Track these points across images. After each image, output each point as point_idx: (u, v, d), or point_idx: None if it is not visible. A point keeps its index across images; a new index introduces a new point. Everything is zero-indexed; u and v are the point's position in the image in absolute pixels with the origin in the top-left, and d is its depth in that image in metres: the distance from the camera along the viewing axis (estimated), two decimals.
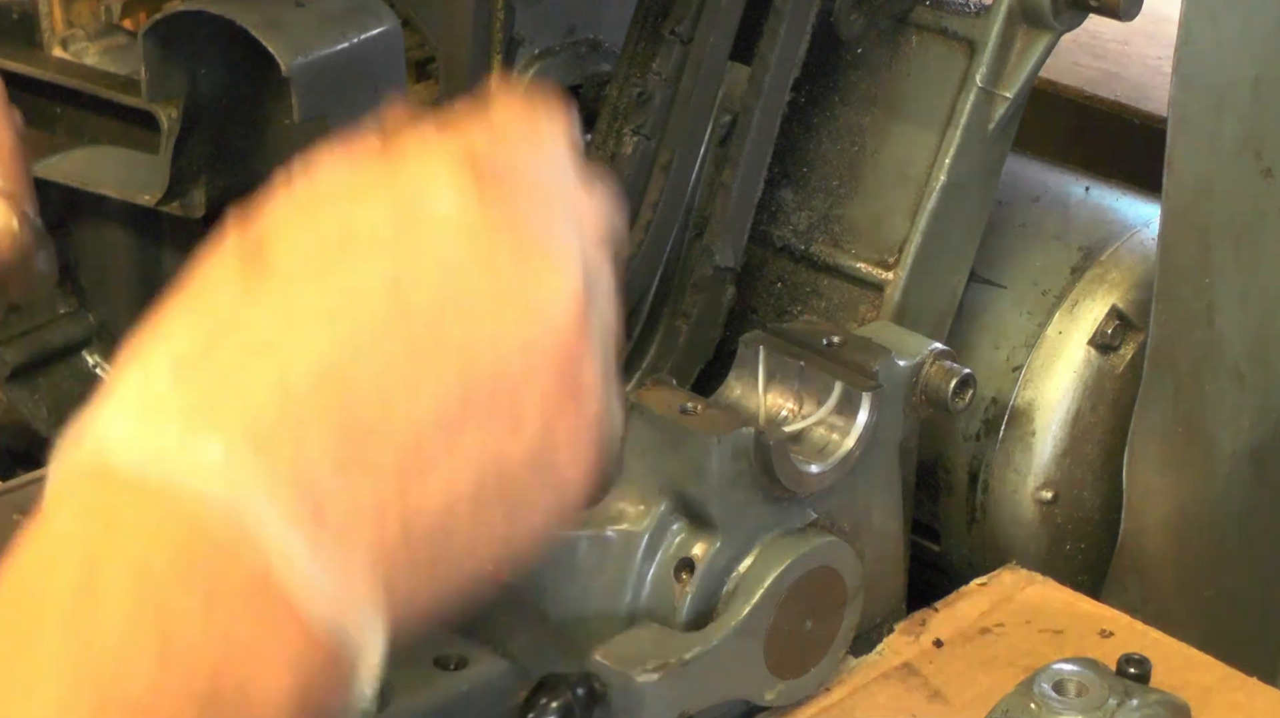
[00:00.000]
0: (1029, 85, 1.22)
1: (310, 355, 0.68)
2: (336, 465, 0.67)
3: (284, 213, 0.72)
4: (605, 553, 1.07)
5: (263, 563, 0.65)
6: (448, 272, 0.70)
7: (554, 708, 1.01)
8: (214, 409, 0.66)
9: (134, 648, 0.63)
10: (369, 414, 0.68)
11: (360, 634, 0.68)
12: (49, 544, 0.67)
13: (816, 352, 1.10)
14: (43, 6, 1.43)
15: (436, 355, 0.70)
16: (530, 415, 0.71)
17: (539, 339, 0.72)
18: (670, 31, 1.19)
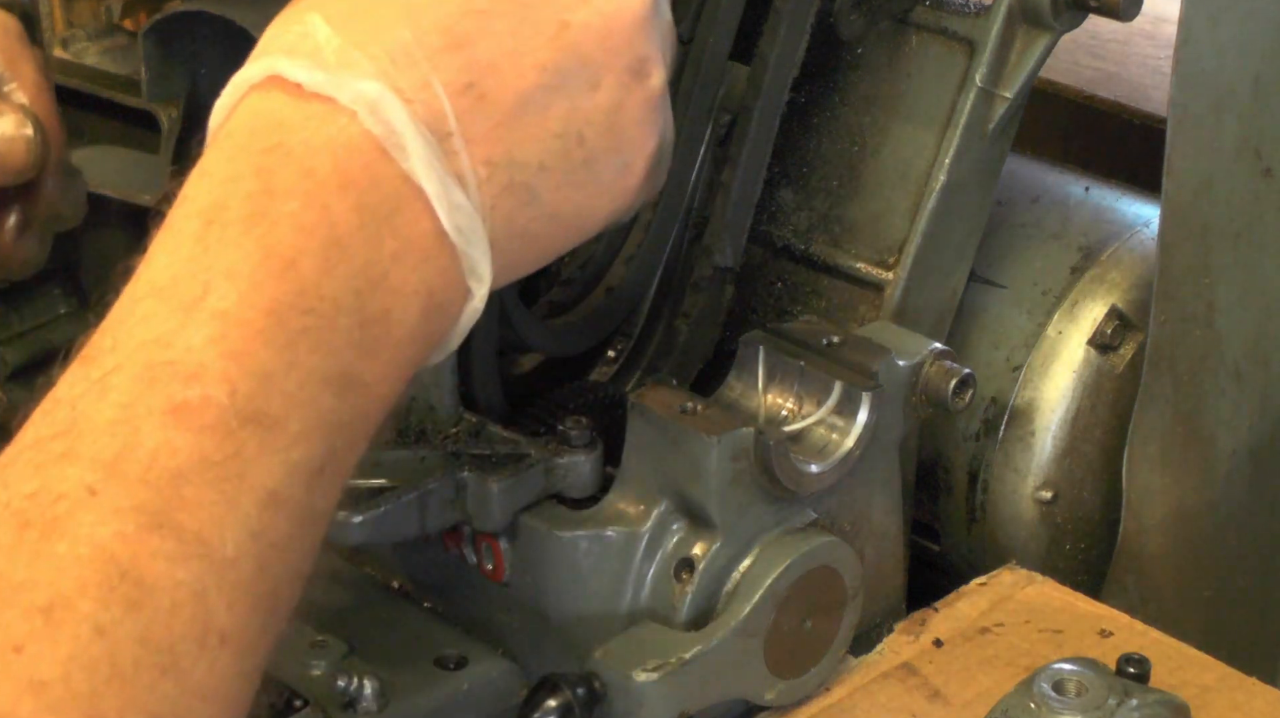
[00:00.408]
0: (1029, 85, 1.22)
1: (437, 8, 0.79)
2: (461, 94, 0.79)
3: None
4: (605, 553, 1.07)
5: (406, 168, 0.77)
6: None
7: (554, 708, 1.01)
8: (362, 44, 0.78)
9: (308, 235, 0.75)
10: (484, 54, 0.80)
11: (478, 250, 0.79)
12: (230, 143, 0.78)
13: (816, 352, 1.10)
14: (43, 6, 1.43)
15: (537, 11, 0.82)
16: (606, 81, 0.83)
17: (617, 13, 0.84)
18: None
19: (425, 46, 0.79)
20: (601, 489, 1.09)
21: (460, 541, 1.11)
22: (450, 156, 0.79)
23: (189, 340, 0.72)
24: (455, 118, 0.79)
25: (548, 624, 1.09)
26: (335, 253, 0.76)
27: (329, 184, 0.76)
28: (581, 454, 1.08)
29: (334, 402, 0.75)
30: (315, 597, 1.15)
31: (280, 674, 1.08)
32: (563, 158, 0.83)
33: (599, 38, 0.84)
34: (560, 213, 0.84)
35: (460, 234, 0.79)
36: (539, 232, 0.84)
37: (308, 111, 0.77)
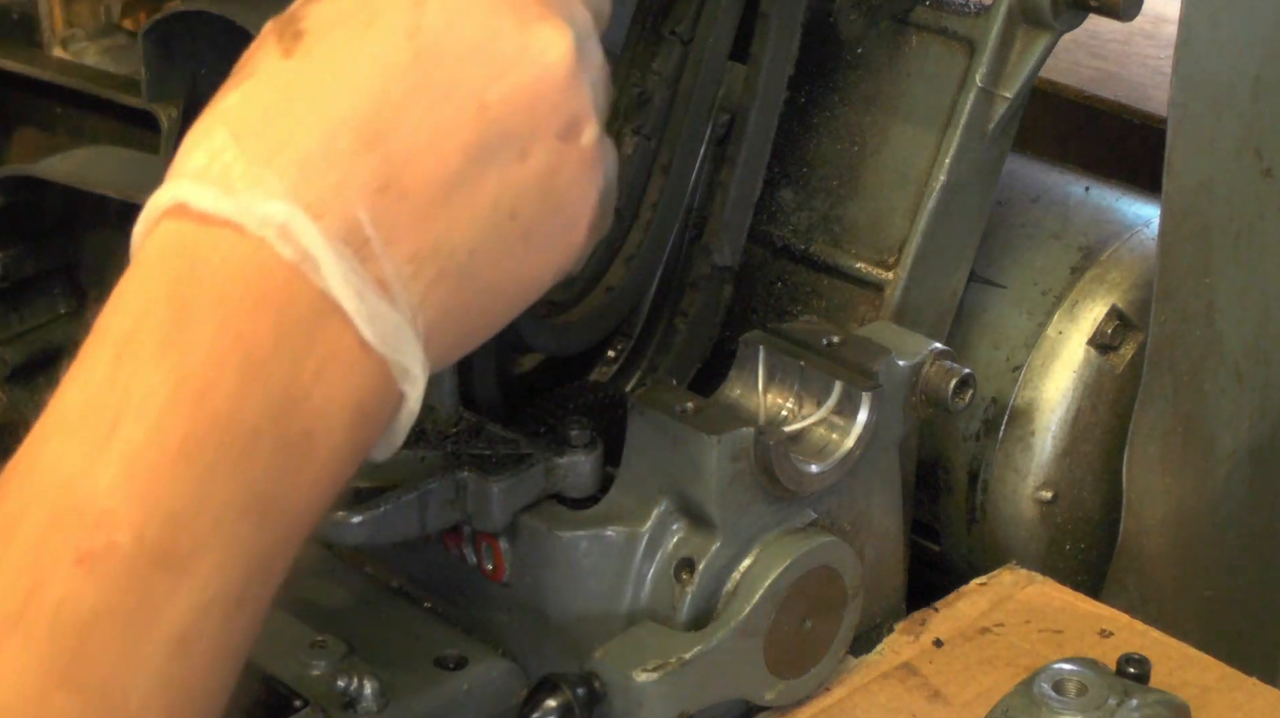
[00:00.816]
0: (1029, 85, 1.22)
1: (347, 101, 0.78)
2: (377, 196, 0.77)
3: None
4: (605, 553, 1.07)
5: (322, 287, 0.75)
6: (457, 22, 0.80)
7: (554, 708, 1.01)
8: (269, 157, 0.76)
9: (220, 363, 0.73)
10: (401, 147, 0.78)
11: (406, 354, 0.78)
12: (142, 272, 0.76)
13: (816, 352, 1.10)
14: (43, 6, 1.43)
15: (455, 94, 0.80)
16: (535, 149, 0.81)
17: (539, 79, 0.81)
18: (670, 31, 1.19)
19: (337, 151, 0.77)
20: (601, 489, 1.09)
21: (460, 541, 1.11)
22: (369, 263, 0.77)
23: (95, 483, 0.71)
24: (372, 222, 0.77)
25: (548, 624, 1.09)
26: (252, 376, 0.74)
27: (243, 307, 0.74)
28: (581, 454, 1.08)
29: (253, 532, 0.74)
30: (315, 597, 1.16)
31: (280, 674, 1.08)
32: (496, 235, 0.81)
33: (523, 109, 0.82)
34: (501, 287, 0.83)
35: (386, 343, 0.77)
36: (480, 308, 0.83)
37: (218, 237, 0.75)
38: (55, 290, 1.55)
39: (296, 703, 1.06)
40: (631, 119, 1.19)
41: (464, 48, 0.80)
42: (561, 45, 0.82)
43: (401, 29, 0.80)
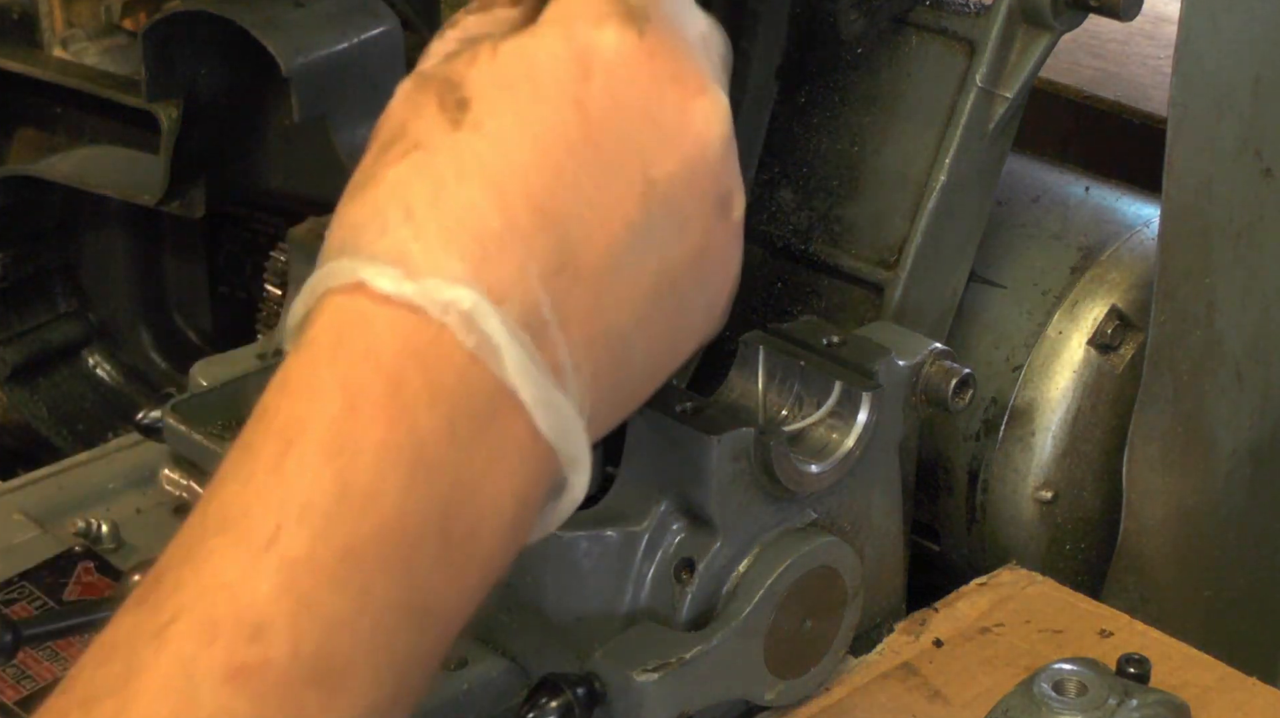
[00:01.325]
0: (1029, 85, 1.22)
1: (520, 178, 0.75)
2: (555, 277, 0.74)
3: (464, 56, 0.79)
4: (605, 553, 1.07)
5: (500, 376, 0.72)
6: (621, 95, 0.78)
7: (554, 708, 1.01)
8: (449, 237, 0.73)
9: (391, 465, 0.70)
10: (576, 226, 0.75)
11: (573, 445, 0.75)
12: (313, 353, 0.73)
13: (816, 352, 1.10)
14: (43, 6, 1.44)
15: (621, 169, 0.77)
16: (693, 224, 0.80)
17: (701, 153, 0.80)
18: None
19: (517, 231, 0.74)
20: (601, 489, 1.09)
21: None
22: (547, 349, 0.74)
23: (255, 591, 0.68)
24: (552, 306, 0.74)
25: (548, 624, 1.09)
26: (422, 475, 0.71)
27: (419, 398, 0.71)
28: None
29: (411, 638, 0.71)
30: None
31: None
32: (656, 312, 0.79)
33: (685, 185, 0.79)
34: (654, 361, 0.81)
35: (556, 431, 0.74)
36: (634, 385, 0.81)
37: (396, 321, 0.72)
38: (55, 290, 1.55)
39: None
40: None
41: (630, 121, 0.78)
42: (720, 117, 0.81)
43: (570, 100, 0.77)
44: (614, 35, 0.78)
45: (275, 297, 1.39)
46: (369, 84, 1.44)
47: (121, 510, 1.23)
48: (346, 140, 1.44)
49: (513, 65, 0.77)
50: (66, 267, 1.55)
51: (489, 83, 0.77)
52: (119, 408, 1.59)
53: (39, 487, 1.27)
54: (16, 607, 1.16)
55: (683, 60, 0.80)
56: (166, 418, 1.15)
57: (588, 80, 0.77)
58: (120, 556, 1.19)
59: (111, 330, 1.58)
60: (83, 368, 1.58)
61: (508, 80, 0.77)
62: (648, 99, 0.78)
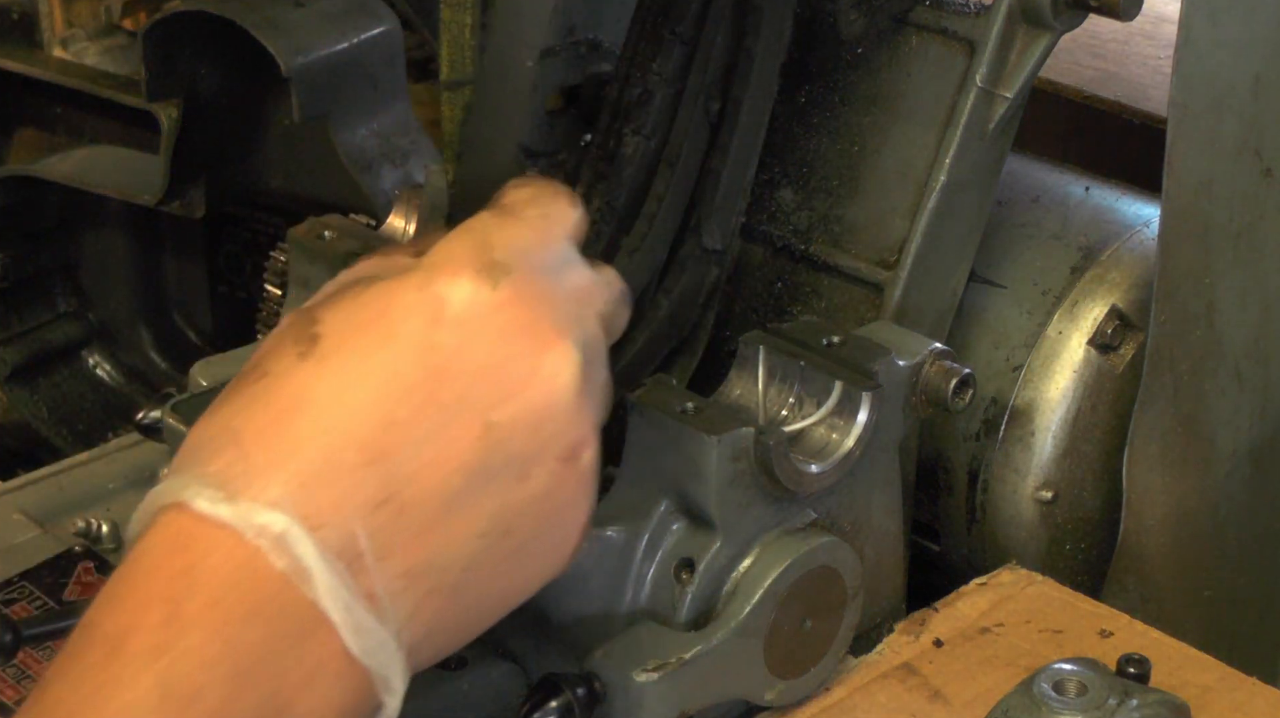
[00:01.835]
0: (1029, 85, 1.22)
1: (355, 415, 0.80)
2: (375, 511, 0.79)
3: (331, 296, 0.85)
4: (605, 553, 1.07)
5: (313, 602, 0.77)
6: (471, 343, 0.82)
7: (554, 708, 1.01)
8: (274, 465, 0.78)
9: (209, 671, 0.74)
10: (404, 465, 0.80)
11: (389, 667, 0.79)
12: (140, 566, 0.78)
13: (816, 352, 1.10)
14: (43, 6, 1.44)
15: (462, 414, 0.82)
16: (536, 472, 0.84)
17: (547, 403, 0.84)
18: (670, 31, 1.19)
19: (339, 466, 0.79)
20: (601, 489, 1.09)
21: None
22: (361, 576, 0.78)
23: None
24: (368, 536, 0.78)
25: (548, 624, 1.09)
26: (240, 685, 0.75)
27: (235, 614, 0.76)
28: None
29: None
30: None
31: None
32: (490, 552, 0.83)
33: (527, 432, 0.84)
34: (488, 599, 0.85)
35: (370, 656, 0.79)
36: (465, 621, 0.85)
37: (216, 540, 0.77)
38: (55, 290, 1.55)
39: None
40: (631, 119, 1.19)
41: (475, 368, 0.82)
42: (570, 370, 0.85)
43: (415, 346, 0.82)
44: (468, 287, 0.84)
45: (275, 297, 1.39)
46: (369, 84, 1.44)
47: (121, 510, 1.24)
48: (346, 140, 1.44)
49: (370, 308, 0.83)
50: (66, 267, 1.55)
51: (344, 322, 0.83)
52: (119, 408, 1.59)
53: (39, 487, 1.27)
54: (16, 607, 1.16)
55: (539, 313, 0.85)
56: (166, 418, 1.15)
57: (435, 328, 0.82)
58: (120, 556, 1.19)
59: (111, 330, 1.58)
60: (83, 368, 1.58)
61: (361, 321, 0.82)
62: (493, 349, 0.83)
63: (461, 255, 0.85)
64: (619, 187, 1.17)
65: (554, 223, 0.90)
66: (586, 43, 1.27)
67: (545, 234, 0.89)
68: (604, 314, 0.90)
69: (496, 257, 0.85)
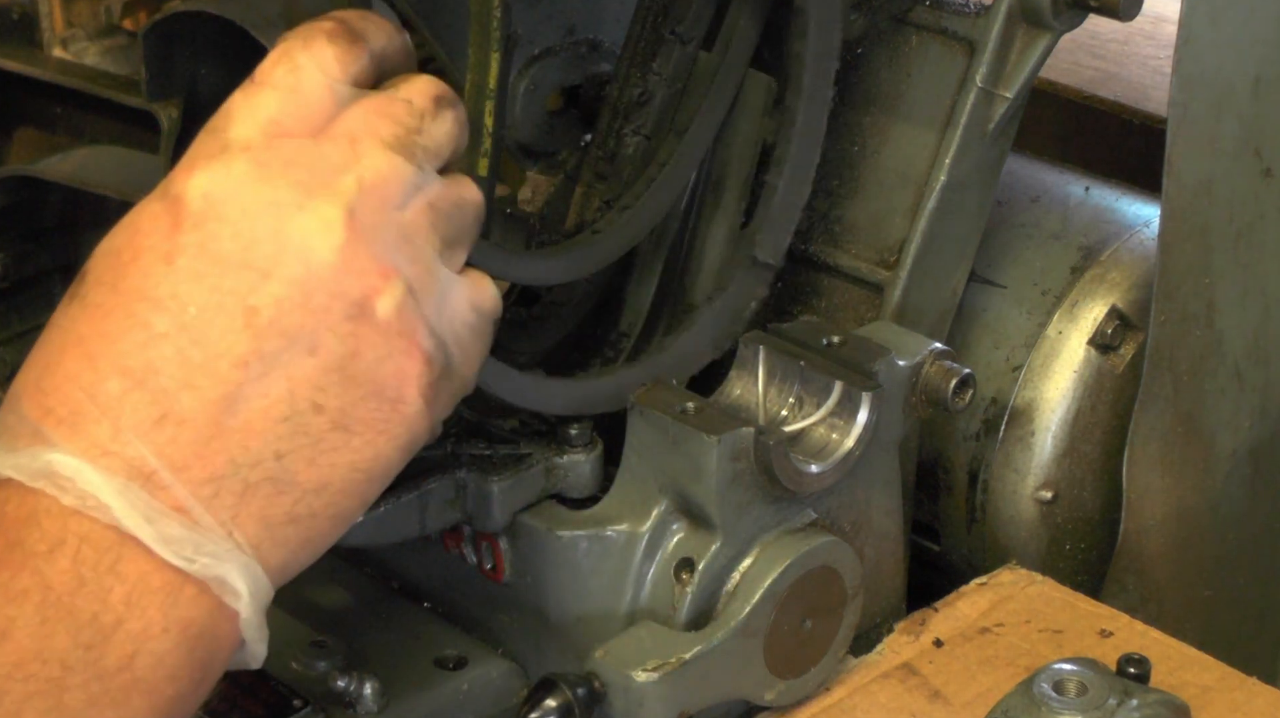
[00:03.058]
0: (1029, 85, 1.22)
1: (114, 342, 0.80)
2: (155, 429, 0.78)
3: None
4: (605, 553, 1.07)
5: (113, 526, 0.77)
6: (211, 239, 0.81)
7: (554, 708, 1.01)
8: (46, 410, 0.79)
9: (18, 603, 0.76)
10: (171, 381, 0.79)
11: (220, 567, 0.78)
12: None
13: (816, 352, 1.10)
14: (43, 6, 1.43)
15: (219, 312, 0.81)
16: (323, 340, 0.81)
17: (309, 277, 0.81)
18: (670, 31, 1.19)
19: (105, 396, 0.79)
20: (601, 489, 1.09)
21: (460, 540, 1.11)
22: (161, 492, 0.78)
23: None
24: (156, 454, 0.78)
25: (548, 624, 1.09)
26: (54, 613, 0.76)
27: (38, 550, 0.76)
28: (581, 454, 1.08)
29: None
30: (315, 597, 1.16)
31: (280, 674, 1.08)
32: (302, 434, 0.81)
33: (297, 306, 0.81)
34: (331, 480, 0.83)
35: (192, 562, 0.78)
36: (315, 506, 0.83)
37: (5, 495, 0.78)
38: (55, 290, 1.55)
39: (296, 703, 1.06)
40: (631, 119, 1.19)
41: (221, 259, 0.81)
42: (324, 229, 0.82)
43: (160, 256, 0.81)
44: (201, 179, 0.82)
45: None
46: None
47: None
48: None
49: (120, 234, 0.83)
50: (66, 267, 1.54)
51: (101, 256, 0.83)
52: None
53: None
54: None
55: (279, 181, 0.82)
56: None
57: (176, 233, 0.81)
58: None
59: None
60: None
61: (112, 249, 0.82)
62: (237, 233, 0.81)
63: (197, 148, 0.84)
64: (619, 187, 1.17)
65: (305, 73, 0.86)
66: (586, 43, 1.27)
67: (294, 90, 0.85)
68: (397, 132, 0.86)
69: (232, 135, 0.83)
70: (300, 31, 0.88)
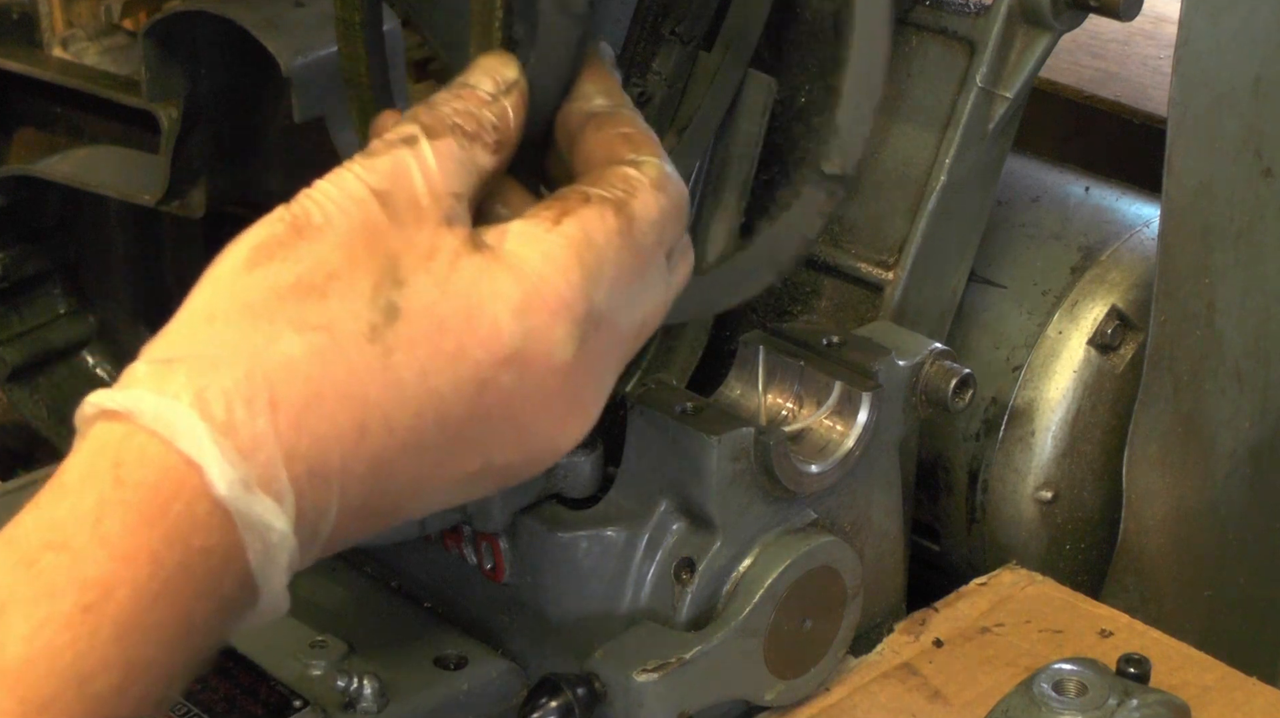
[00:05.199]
0: (1029, 85, 1.22)
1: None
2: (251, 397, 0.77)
3: (426, 237, 0.81)
4: (605, 553, 1.07)
5: (183, 456, 0.75)
6: (517, 398, 0.81)
7: (554, 708, 1.01)
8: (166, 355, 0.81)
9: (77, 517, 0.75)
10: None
11: (264, 514, 0.76)
12: (75, 474, 0.78)
13: (816, 352, 1.10)
14: (43, 6, 1.43)
15: (461, 452, 0.81)
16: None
17: (546, 458, 0.85)
18: (670, 31, 1.19)
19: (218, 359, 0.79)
20: (601, 489, 1.09)
21: (460, 540, 1.11)
22: (230, 429, 0.76)
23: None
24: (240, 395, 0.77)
25: (548, 624, 1.09)
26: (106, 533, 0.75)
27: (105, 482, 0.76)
28: (581, 454, 1.08)
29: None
30: (315, 597, 1.16)
31: (280, 674, 1.08)
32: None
33: (516, 470, 0.84)
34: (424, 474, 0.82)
35: (235, 498, 0.76)
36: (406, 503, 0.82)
37: (104, 424, 0.79)
38: (55, 290, 1.55)
39: (296, 703, 1.06)
40: None
41: (511, 419, 0.82)
42: (582, 435, 0.85)
43: (474, 375, 0.80)
44: (559, 338, 0.81)
45: None
46: None
47: None
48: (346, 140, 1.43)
49: (455, 298, 0.80)
50: (66, 267, 1.54)
51: (426, 304, 0.80)
52: None
53: (39, 487, 1.27)
54: None
55: (592, 384, 0.83)
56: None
57: (503, 367, 0.80)
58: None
59: (111, 330, 1.58)
60: (83, 368, 1.58)
61: (442, 315, 0.80)
62: (535, 412, 0.82)
63: (565, 289, 0.81)
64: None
65: (650, 228, 0.85)
66: None
67: (638, 252, 0.84)
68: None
69: (595, 301, 0.82)
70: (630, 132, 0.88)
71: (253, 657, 1.09)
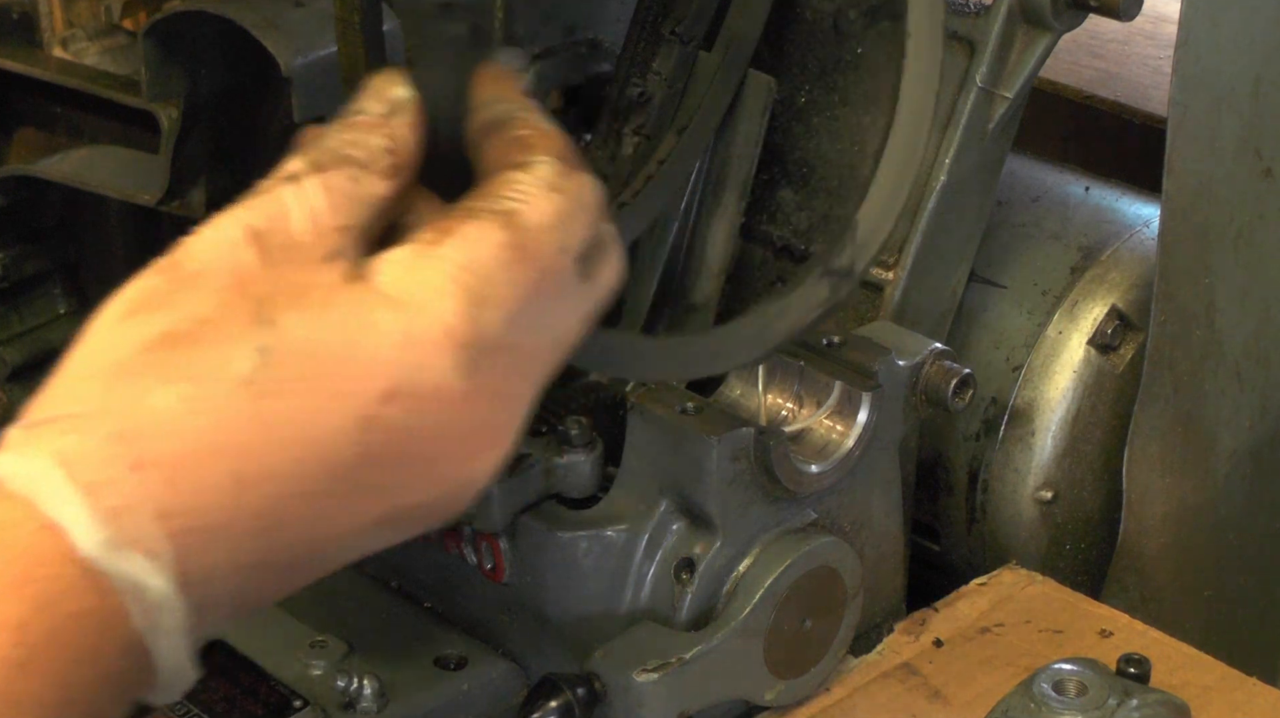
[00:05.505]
0: (1029, 85, 1.22)
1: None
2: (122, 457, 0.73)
3: (292, 280, 0.77)
4: (605, 553, 1.07)
5: (47, 519, 0.72)
6: (410, 435, 0.77)
7: (554, 708, 1.01)
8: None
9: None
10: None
11: (137, 573, 0.72)
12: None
13: (816, 352, 1.10)
14: (43, 6, 1.43)
15: (364, 498, 0.77)
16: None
17: (452, 497, 0.79)
18: (670, 31, 1.19)
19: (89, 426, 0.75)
20: (601, 489, 1.09)
21: (460, 540, 1.11)
22: (99, 493, 0.73)
23: None
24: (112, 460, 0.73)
25: (548, 624, 1.09)
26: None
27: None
28: (581, 454, 1.08)
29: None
30: (315, 597, 1.15)
31: (280, 674, 1.08)
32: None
33: (422, 516, 0.80)
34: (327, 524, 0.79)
35: (104, 562, 0.72)
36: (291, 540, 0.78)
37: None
38: (55, 290, 1.55)
39: (296, 703, 1.06)
40: (631, 119, 1.20)
41: (404, 458, 0.78)
42: (491, 473, 0.81)
43: (358, 414, 0.76)
44: (444, 368, 0.76)
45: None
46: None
47: None
48: None
49: (333, 329, 0.76)
50: (66, 267, 1.54)
51: (301, 339, 0.76)
52: None
53: None
54: None
55: (498, 416, 0.80)
56: None
57: (387, 403, 0.76)
58: None
59: None
60: None
61: (316, 348, 0.75)
62: (433, 444, 0.78)
63: (448, 316, 0.76)
64: (619, 186, 1.17)
65: (546, 236, 0.79)
66: (586, 43, 1.28)
67: (535, 264, 0.78)
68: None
69: (484, 324, 0.77)
70: (558, 152, 0.83)
71: (253, 657, 1.09)
